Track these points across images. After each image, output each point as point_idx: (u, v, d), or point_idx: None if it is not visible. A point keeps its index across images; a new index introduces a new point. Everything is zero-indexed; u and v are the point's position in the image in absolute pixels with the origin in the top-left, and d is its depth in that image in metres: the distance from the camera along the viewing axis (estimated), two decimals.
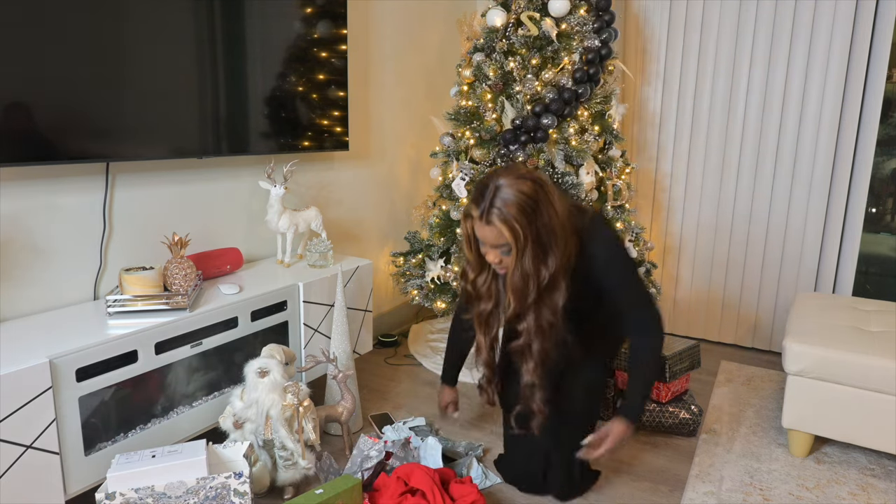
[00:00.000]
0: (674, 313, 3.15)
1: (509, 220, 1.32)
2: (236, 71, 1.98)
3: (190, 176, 2.03)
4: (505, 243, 1.36)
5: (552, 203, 1.36)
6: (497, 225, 1.33)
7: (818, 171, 2.71)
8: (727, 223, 2.96)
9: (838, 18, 2.56)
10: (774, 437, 2.13)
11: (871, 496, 1.80)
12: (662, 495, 1.79)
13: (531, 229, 1.33)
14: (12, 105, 1.45)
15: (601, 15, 2.53)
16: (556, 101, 2.41)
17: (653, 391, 2.06)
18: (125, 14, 1.64)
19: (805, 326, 2.06)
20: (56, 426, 1.37)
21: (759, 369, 2.73)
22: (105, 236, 1.79)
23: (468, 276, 1.53)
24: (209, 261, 2.00)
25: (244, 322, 1.84)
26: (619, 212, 2.63)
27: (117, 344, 1.50)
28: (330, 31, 2.31)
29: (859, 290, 2.79)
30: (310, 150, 2.30)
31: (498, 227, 1.33)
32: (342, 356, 2.02)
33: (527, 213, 1.33)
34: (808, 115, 2.70)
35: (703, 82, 2.90)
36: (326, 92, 2.33)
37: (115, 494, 1.37)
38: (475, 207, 1.36)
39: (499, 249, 1.39)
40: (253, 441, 1.66)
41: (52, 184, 1.65)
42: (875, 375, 1.81)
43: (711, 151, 2.94)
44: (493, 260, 1.41)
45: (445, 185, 2.60)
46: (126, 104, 1.68)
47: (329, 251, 2.21)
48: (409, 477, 1.58)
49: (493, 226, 1.34)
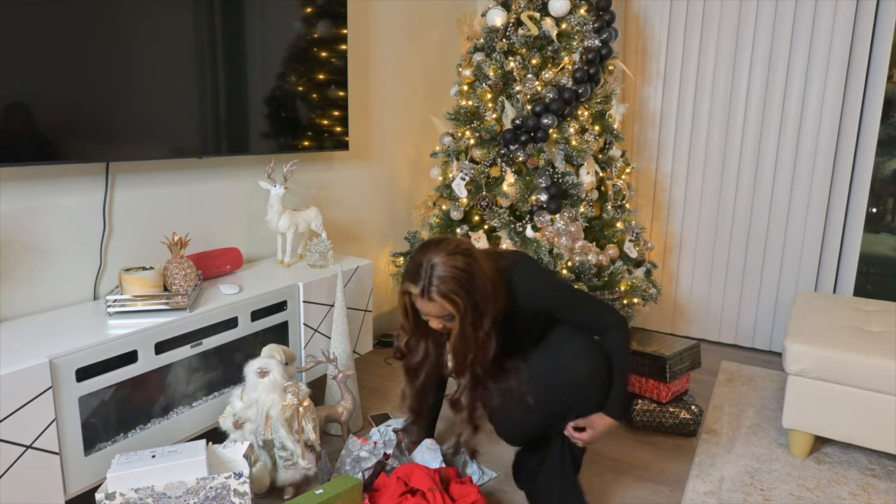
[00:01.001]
0: (674, 313, 3.15)
1: (449, 294, 1.41)
2: (236, 71, 1.98)
3: (190, 176, 2.03)
4: (448, 314, 1.45)
5: (483, 270, 1.46)
6: (438, 300, 1.42)
7: (818, 170, 2.71)
8: (727, 223, 2.96)
9: (839, 18, 2.56)
10: (775, 437, 2.12)
11: (871, 496, 1.80)
12: (662, 495, 1.79)
13: (469, 299, 1.43)
14: (12, 105, 1.45)
15: (601, 15, 2.53)
16: (556, 100, 2.41)
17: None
18: (125, 14, 1.64)
19: (805, 326, 2.06)
20: (56, 426, 1.37)
21: (759, 369, 2.73)
22: (105, 236, 1.79)
23: (401, 338, 1.63)
24: (209, 261, 2.00)
25: (244, 322, 1.84)
26: (619, 212, 2.63)
27: (117, 344, 1.50)
28: (330, 31, 2.31)
29: (860, 290, 2.79)
30: (310, 149, 2.30)
31: (439, 302, 1.42)
32: (342, 356, 2.02)
33: (464, 286, 1.42)
34: (809, 115, 2.70)
35: (703, 82, 2.90)
36: (326, 92, 2.33)
37: (115, 494, 1.37)
38: (413, 286, 1.44)
39: (443, 318, 1.47)
40: (253, 441, 1.66)
41: (52, 184, 1.65)
42: (875, 375, 1.81)
43: (712, 151, 2.94)
44: (438, 326, 1.50)
45: (445, 185, 2.60)
46: (126, 104, 1.68)
47: (329, 251, 2.21)
48: (409, 477, 1.58)
49: (435, 302, 1.42)
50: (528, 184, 2.44)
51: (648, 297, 2.64)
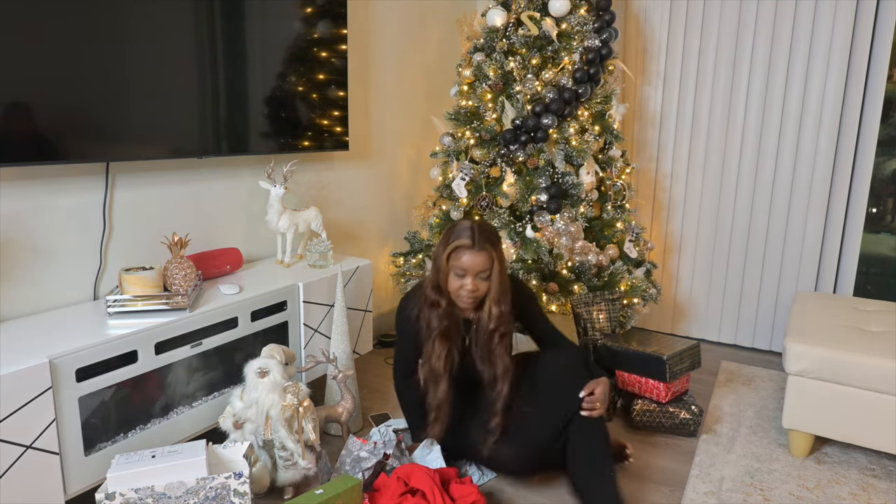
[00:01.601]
0: (674, 313, 3.15)
1: (494, 242, 1.68)
2: (236, 71, 1.98)
3: (190, 176, 2.03)
4: (487, 268, 1.66)
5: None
6: (487, 249, 1.65)
7: (818, 170, 2.71)
8: (727, 223, 2.96)
9: (838, 18, 2.56)
10: (775, 437, 2.12)
11: (871, 496, 1.80)
12: (662, 495, 1.79)
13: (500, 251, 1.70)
14: (12, 105, 1.45)
15: (601, 15, 2.53)
16: (556, 100, 2.41)
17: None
18: (125, 14, 1.64)
19: (805, 326, 2.06)
20: (56, 426, 1.37)
21: (759, 369, 2.73)
22: (105, 236, 1.79)
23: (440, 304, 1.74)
24: (209, 261, 2.00)
25: (244, 322, 1.84)
26: (619, 212, 2.63)
27: (117, 344, 1.50)
28: (330, 31, 2.31)
29: (860, 290, 2.79)
30: (310, 150, 2.30)
31: (486, 251, 1.65)
32: (342, 356, 2.02)
33: (498, 238, 1.71)
34: (809, 115, 2.70)
35: (703, 82, 2.90)
36: (326, 92, 2.33)
37: (115, 494, 1.37)
38: (465, 240, 1.65)
39: (480, 276, 1.67)
40: (253, 441, 1.66)
41: (52, 184, 1.65)
42: (875, 375, 1.81)
43: (712, 151, 2.94)
44: (472, 287, 1.67)
45: (445, 185, 2.60)
46: (126, 104, 1.68)
47: (329, 251, 2.21)
48: (410, 477, 1.58)
49: (484, 251, 1.64)
50: (528, 184, 2.44)
51: (648, 298, 2.64)
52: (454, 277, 1.69)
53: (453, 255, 1.67)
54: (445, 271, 1.70)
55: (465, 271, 1.66)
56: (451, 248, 1.67)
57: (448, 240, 1.68)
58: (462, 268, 1.66)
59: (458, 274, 1.68)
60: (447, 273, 1.70)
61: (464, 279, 1.67)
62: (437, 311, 1.73)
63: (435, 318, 1.73)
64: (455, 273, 1.68)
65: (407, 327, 1.81)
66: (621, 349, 2.15)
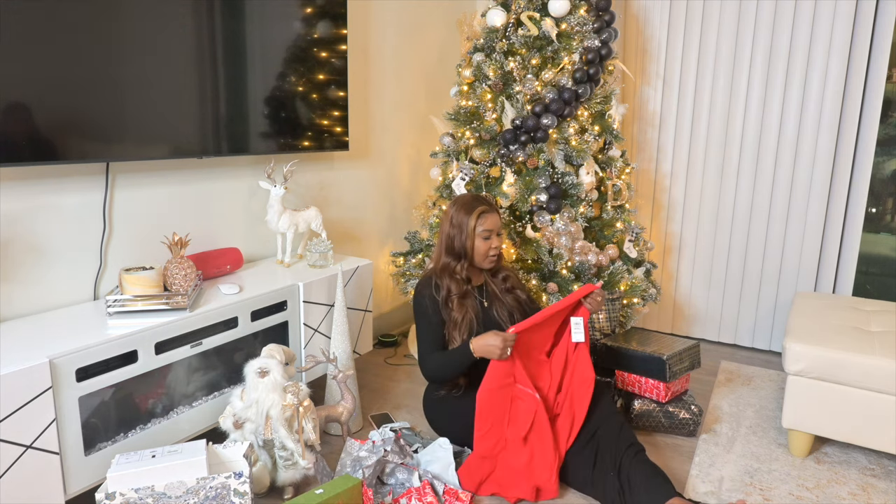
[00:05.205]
0: (674, 313, 3.15)
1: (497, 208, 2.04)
2: (236, 71, 1.98)
3: (190, 176, 2.03)
4: (502, 226, 1.98)
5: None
6: (497, 209, 1.98)
7: (818, 170, 2.71)
8: (727, 223, 2.96)
9: (838, 18, 2.56)
10: (774, 437, 2.13)
11: (871, 496, 1.80)
12: None
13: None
14: (13, 105, 1.46)
15: (601, 15, 2.53)
16: (556, 101, 2.41)
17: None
18: (125, 14, 1.64)
19: (805, 326, 2.06)
20: (56, 426, 1.37)
21: (759, 369, 2.73)
22: (105, 236, 1.79)
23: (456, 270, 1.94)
24: (209, 261, 2.00)
25: (244, 322, 1.84)
26: (618, 212, 2.63)
27: (117, 344, 1.50)
28: (330, 31, 2.31)
29: (859, 290, 2.79)
30: (310, 150, 2.30)
31: (497, 214, 1.96)
32: (342, 356, 2.02)
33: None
34: (808, 114, 2.70)
35: (703, 82, 2.90)
36: (326, 92, 2.33)
37: (115, 494, 1.37)
38: (486, 206, 1.92)
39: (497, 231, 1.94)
40: (253, 441, 1.66)
41: (52, 184, 1.65)
42: (875, 375, 1.81)
43: (711, 151, 2.94)
44: (498, 244, 1.94)
45: (445, 185, 2.60)
46: (126, 104, 1.68)
47: (329, 251, 2.21)
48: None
49: (496, 211, 1.96)
50: (527, 184, 2.44)
51: (648, 297, 2.64)
52: (480, 241, 1.91)
53: (480, 219, 1.90)
54: (472, 237, 1.91)
55: (491, 231, 1.91)
56: (477, 213, 1.89)
57: (467, 209, 1.90)
58: (489, 228, 1.90)
59: (485, 237, 1.91)
60: (474, 238, 1.91)
61: (490, 240, 1.92)
62: (455, 277, 1.92)
63: (454, 284, 1.91)
64: (482, 237, 1.91)
65: (427, 303, 1.92)
66: (621, 349, 2.16)
